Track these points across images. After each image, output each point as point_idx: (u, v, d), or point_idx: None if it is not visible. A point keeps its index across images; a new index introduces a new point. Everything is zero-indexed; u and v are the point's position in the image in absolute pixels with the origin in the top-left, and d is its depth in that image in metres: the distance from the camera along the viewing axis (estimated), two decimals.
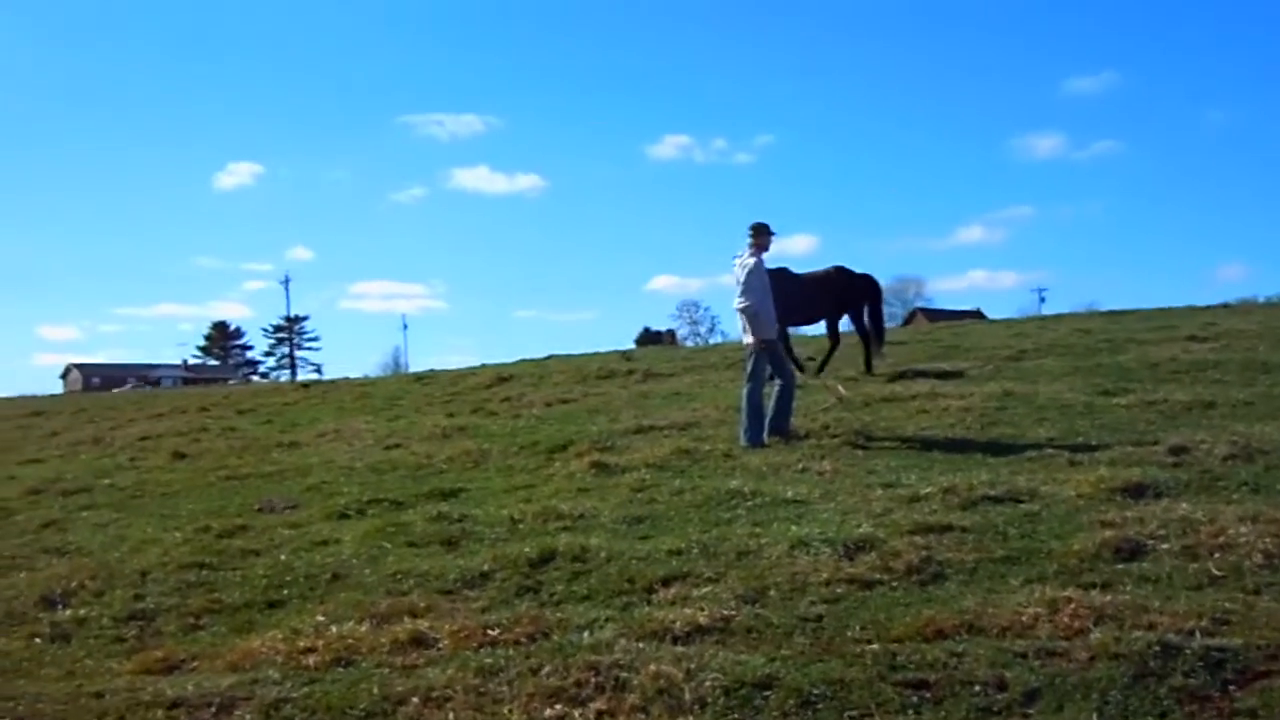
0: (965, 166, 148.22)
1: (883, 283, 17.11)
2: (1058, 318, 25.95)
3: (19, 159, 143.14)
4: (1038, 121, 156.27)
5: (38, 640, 6.31)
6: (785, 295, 15.26)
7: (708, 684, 4.64)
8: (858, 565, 6.26)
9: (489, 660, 5.12)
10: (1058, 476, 8.22)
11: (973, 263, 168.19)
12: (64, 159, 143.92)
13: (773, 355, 11.12)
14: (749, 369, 11.11)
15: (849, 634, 5.27)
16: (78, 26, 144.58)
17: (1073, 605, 5.29)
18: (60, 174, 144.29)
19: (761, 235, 11.21)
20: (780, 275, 15.67)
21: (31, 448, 18.30)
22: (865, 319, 16.15)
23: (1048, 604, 5.34)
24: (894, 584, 6.01)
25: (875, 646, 5.03)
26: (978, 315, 61.59)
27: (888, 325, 19.80)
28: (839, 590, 5.94)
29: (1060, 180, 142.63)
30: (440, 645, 5.55)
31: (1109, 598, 5.40)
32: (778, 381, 11.07)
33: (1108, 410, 11.22)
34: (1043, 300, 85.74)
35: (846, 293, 16.05)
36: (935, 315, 71.63)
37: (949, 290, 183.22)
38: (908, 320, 76.36)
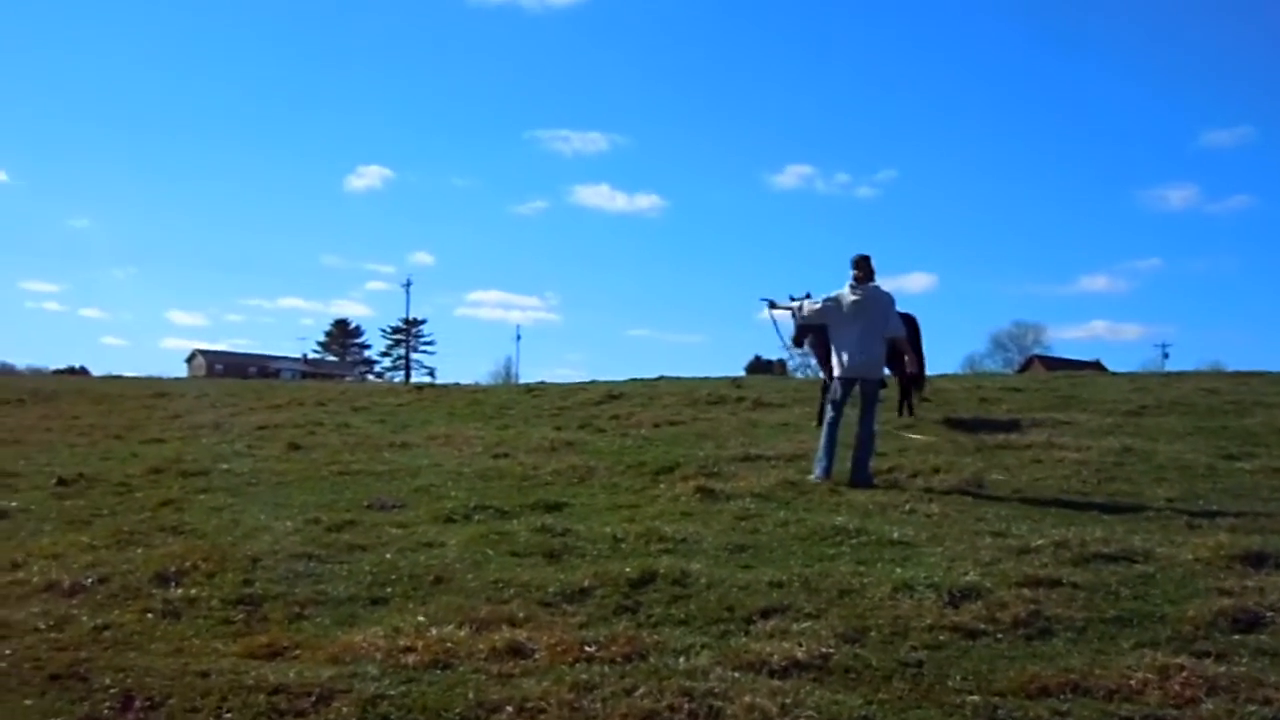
0: (1094, 214, 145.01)
1: (1001, 327, 16.79)
2: (1181, 374, 25.20)
3: (164, 149, 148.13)
4: (1171, 173, 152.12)
5: (149, 615, 6.45)
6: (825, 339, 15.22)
7: None
8: (962, 613, 6.14)
9: (584, 676, 5.13)
10: (1175, 539, 7.99)
11: (1095, 312, 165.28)
12: (206, 152, 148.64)
13: (874, 396, 11.04)
14: (844, 402, 11.01)
15: (950, 683, 5.18)
16: (232, 30, 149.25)
17: (1185, 673, 5.14)
18: (200, 166, 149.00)
19: (869, 267, 11.12)
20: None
21: (155, 428, 18.81)
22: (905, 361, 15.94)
23: (1158, 670, 5.19)
24: (999, 635, 5.89)
25: (976, 698, 4.94)
26: (1097, 366, 60.08)
27: (1004, 371, 19.46)
28: (942, 637, 5.84)
29: (1191, 233, 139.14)
30: (537, 656, 5.57)
31: (1223, 668, 5.23)
32: (864, 423, 10.91)
33: (1230, 474, 10.87)
34: (1166, 355, 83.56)
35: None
36: (1053, 363, 70.16)
37: (1069, 339, 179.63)
38: (1025, 367, 74.85)
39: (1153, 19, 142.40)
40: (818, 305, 11.24)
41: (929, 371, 16.31)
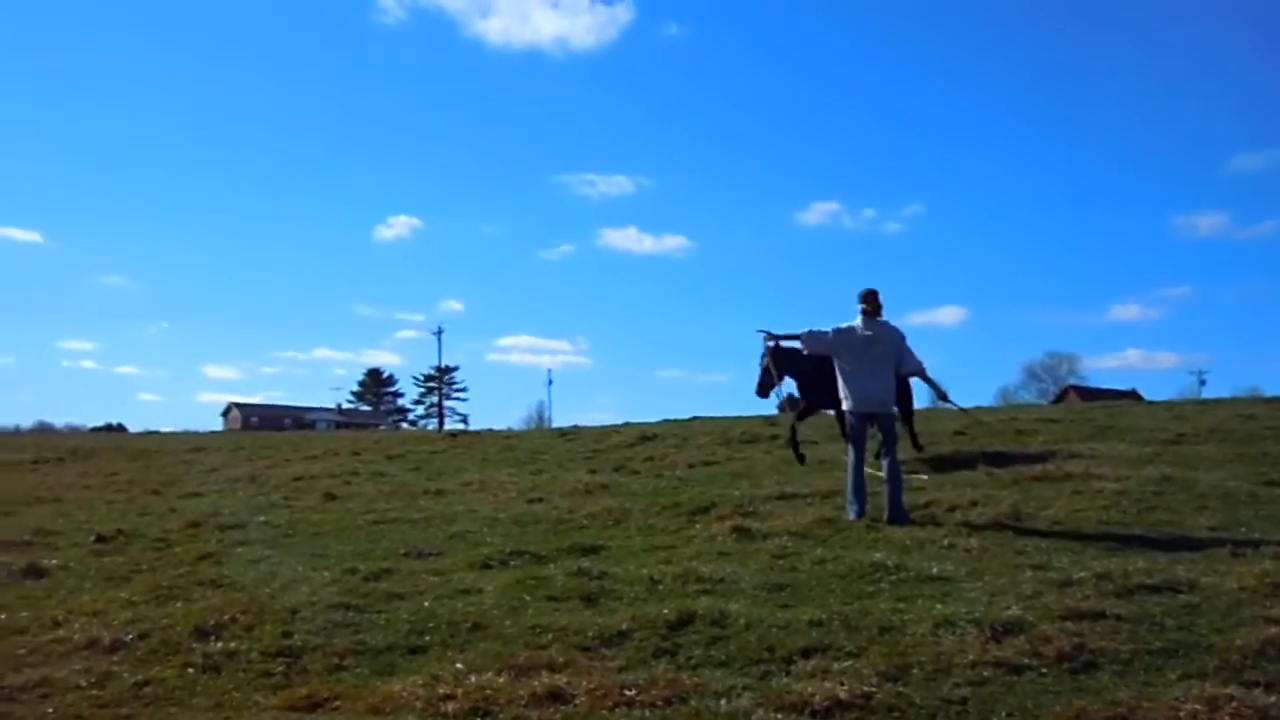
0: (1123, 242, 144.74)
1: (1034, 358, 16.69)
2: (1219, 401, 24.97)
3: (195, 205, 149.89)
4: (1200, 199, 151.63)
5: (190, 670, 6.47)
6: (804, 374, 15.06)
7: None
8: (1005, 648, 6.08)
9: None
10: (1219, 568, 7.88)
11: (1129, 341, 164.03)
12: (236, 207, 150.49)
13: (891, 430, 11.00)
14: (862, 438, 10.98)
15: (995, 719, 5.11)
16: (260, 87, 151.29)
17: (1234, 704, 5.07)
18: (231, 221, 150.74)
19: (878, 301, 11.10)
20: (796, 352, 15.49)
21: (192, 482, 18.95)
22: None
23: (1207, 701, 5.12)
24: (1043, 670, 5.82)
25: None
26: (1133, 395, 59.60)
27: (1039, 402, 19.33)
28: (985, 673, 5.77)
29: (1223, 260, 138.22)
30: (577, 701, 5.55)
31: (1273, 698, 5.17)
32: (888, 459, 10.84)
33: (1273, 501, 10.72)
34: (1203, 383, 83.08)
35: None
36: (1089, 394, 69.67)
37: (1103, 369, 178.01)
38: (1060, 397, 74.46)
39: (1179, 46, 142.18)
40: (827, 335, 11.16)
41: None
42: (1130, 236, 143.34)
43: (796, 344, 12.33)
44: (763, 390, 14.73)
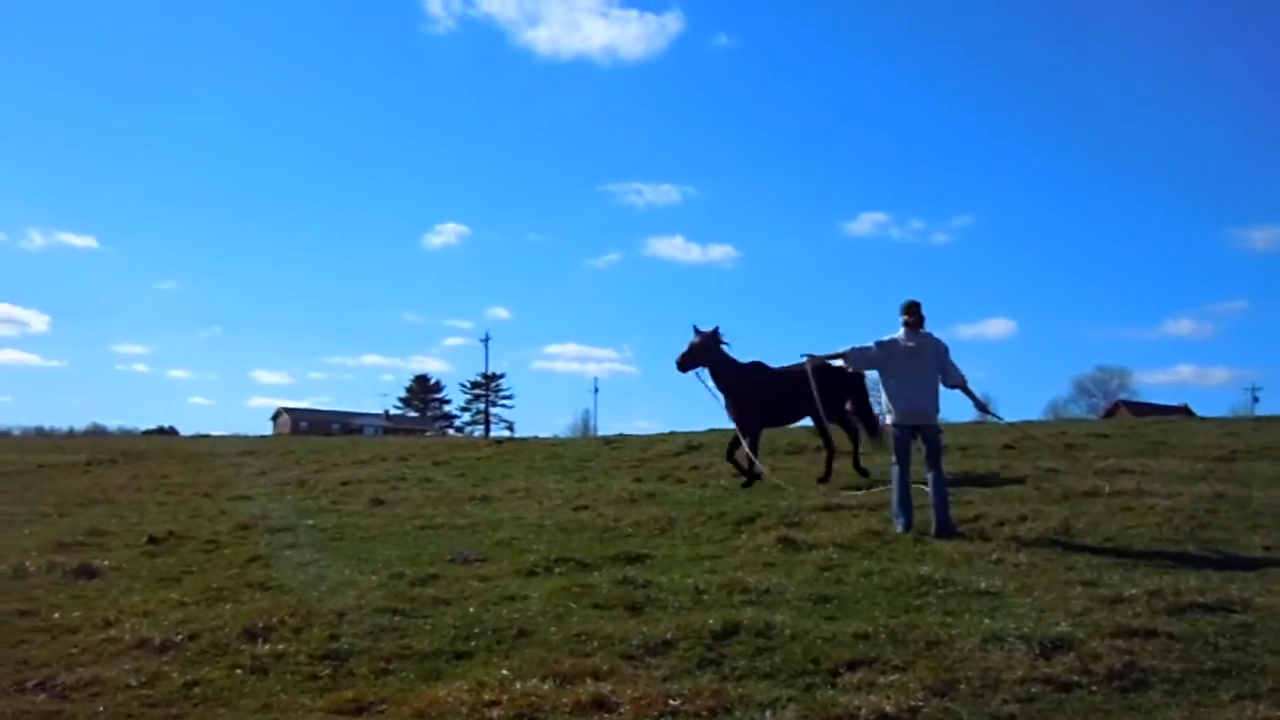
0: (1176, 256, 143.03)
1: (1084, 372, 16.54)
2: (1273, 418, 24.60)
3: (248, 212, 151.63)
4: (1256, 212, 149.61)
5: (238, 671, 6.52)
6: (761, 392, 15.00)
7: None
8: (1054, 665, 6.01)
9: None
10: (1273, 587, 7.76)
11: (1181, 356, 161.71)
12: (288, 214, 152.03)
13: (936, 442, 10.92)
14: (907, 451, 10.90)
15: None
16: (311, 96, 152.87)
17: None
18: (282, 227, 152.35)
19: (920, 313, 11.05)
20: (755, 371, 15.45)
21: (242, 485, 19.14)
22: (848, 413, 15.77)
23: None
24: (1093, 688, 5.75)
25: None
26: (1185, 411, 58.85)
27: (1089, 416, 19.18)
28: (1034, 690, 5.72)
29: (1278, 274, 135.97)
30: (621, 710, 5.55)
31: None
32: (934, 472, 10.75)
33: None
34: (1256, 399, 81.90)
35: (826, 387, 15.09)
36: (1140, 409, 68.86)
37: (1154, 384, 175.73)
38: (1110, 412, 73.69)
39: (1233, 58, 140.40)
40: (870, 349, 11.10)
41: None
42: (1183, 250, 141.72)
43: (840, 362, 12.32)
44: (682, 364, 15.00)
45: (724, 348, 15.31)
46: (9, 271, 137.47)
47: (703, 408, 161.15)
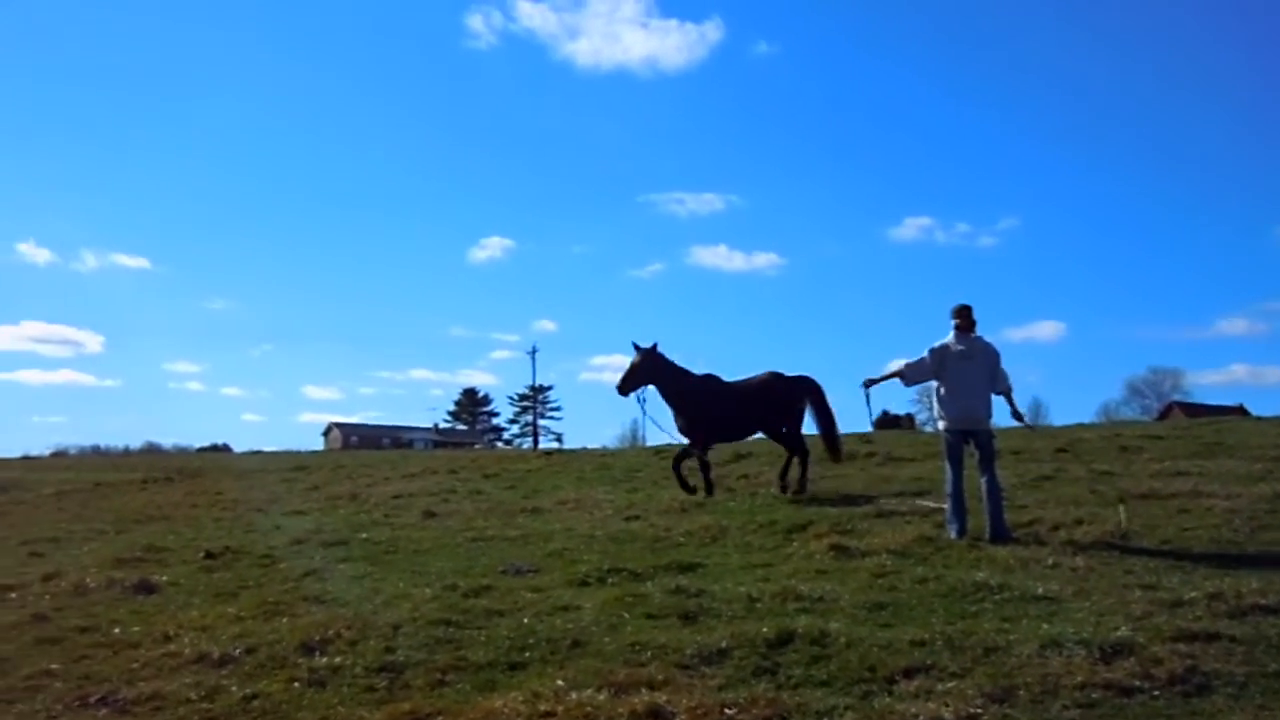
0: (1228, 254, 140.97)
1: (1137, 374, 16.29)
2: None
3: (295, 230, 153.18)
4: None
5: (296, 684, 6.57)
6: (714, 407, 14.84)
7: None
8: (1115, 670, 5.94)
9: None
10: None
11: (1235, 356, 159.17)
12: (335, 232, 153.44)
13: (989, 446, 10.80)
14: (959, 456, 10.80)
15: None
16: (357, 116, 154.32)
17: None
18: (329, 245, 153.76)
19: (971, 317, 10.96)
20: (708, 384, 15.24)
21: (295, 500, 19.32)
22: (800, 426, 15.49)
23: None
24: (1155, 693, 5.68)
25: None
26: (1240, 411, 57.93)
27: (1142, 418, 18.93)
28: (1094, 695, 5.65)
29: None
30: (677, 719, 5.54)
31: None
32: (987, 476, 10.65)
33: None
34: None
35: (783, 400, 15.21)
36: (1194, 410, 67.99)
37: (1209, 384, 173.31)
38: (1164, 414, 72.68)
39: (1276, 51, 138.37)
40: (924, 360, 11.01)
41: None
42: (1236, 247, 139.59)
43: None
44: (623, 387, 14.92)
45: (670, 361, 15.13)
46: (64, 293, 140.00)
47: None
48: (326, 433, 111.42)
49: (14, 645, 7.94)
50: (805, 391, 15.50)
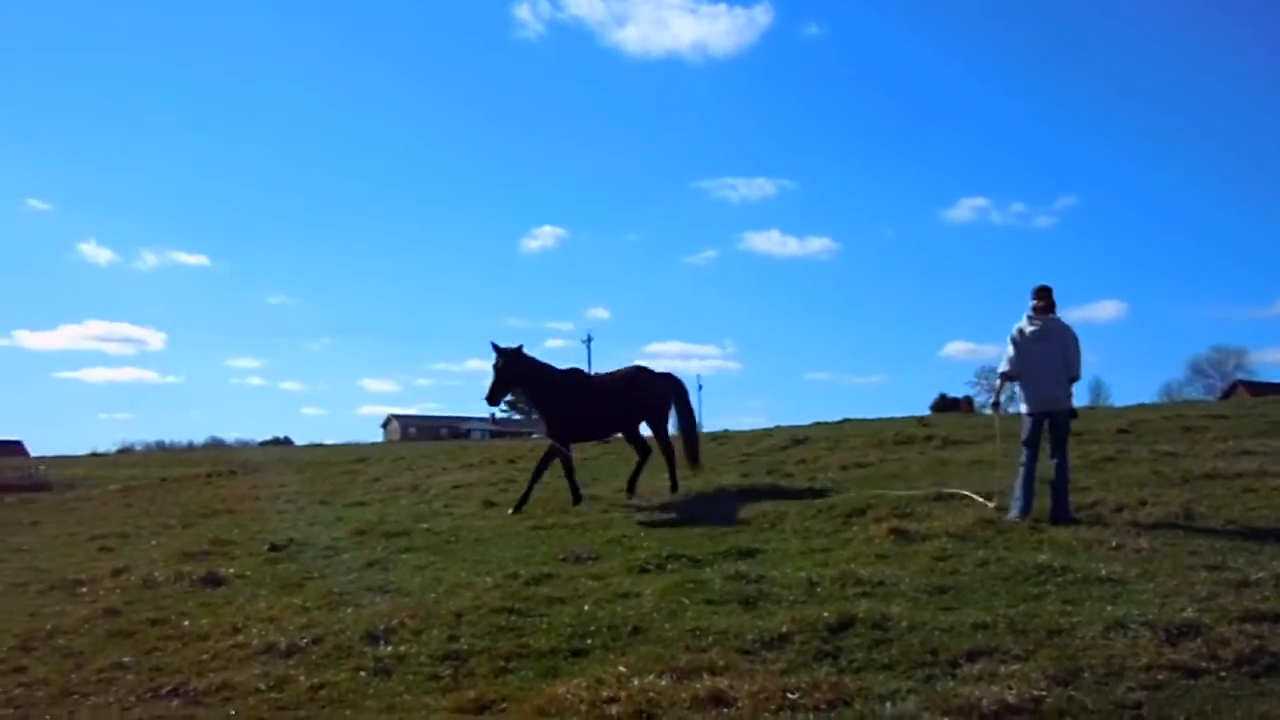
0: None
1: (1199, 353, 16.02)
2: None
3: (350, 225, 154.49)
4: None
5: (362, 673, 6.68)
6: (578, 403, 14.44)
7: None
8: (1181, 651, 5.89)
9: None
10: None
11: None
12: (389, 225, 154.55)
13: (1065, 427, 10.66)
14: (1035, 439, 10.68)
15: None
16: (409, 112, 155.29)
17: None
18: (384, 239, 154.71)
19: (1052, 299, 10.81)
20: (569, 380, 14.80)
21: (357, 491, 19.51)
22: (670, 425, 15.23)
23: None
24: (1222, 674, 5.63)
25: None
26: None
27: (1206, 398, 18.63)
28: (1160, 677, 5.61)
29: None
30: (740, 705, 5.56)
31: None
32: (1057, 457, 10.54)
33: None
34: None
35: (648, 395, 14.81)
36: (1259, 389, 66.77)
37: (1274, 363, 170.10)
38: (1228, 393, 71.50)
39: None
40: (1009, 350, 10.88)
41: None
42: None
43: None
44: (492, 397, 14.43)
45: (533, 360, 14.50)
46: (125, 292, 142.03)
47: (810, 403, 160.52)
48: (385, 424, 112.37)
49: (87, 639, 8.12)
50: (670, 389, 15.20)
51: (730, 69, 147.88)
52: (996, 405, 12.50)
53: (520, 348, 14.35)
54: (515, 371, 14.28)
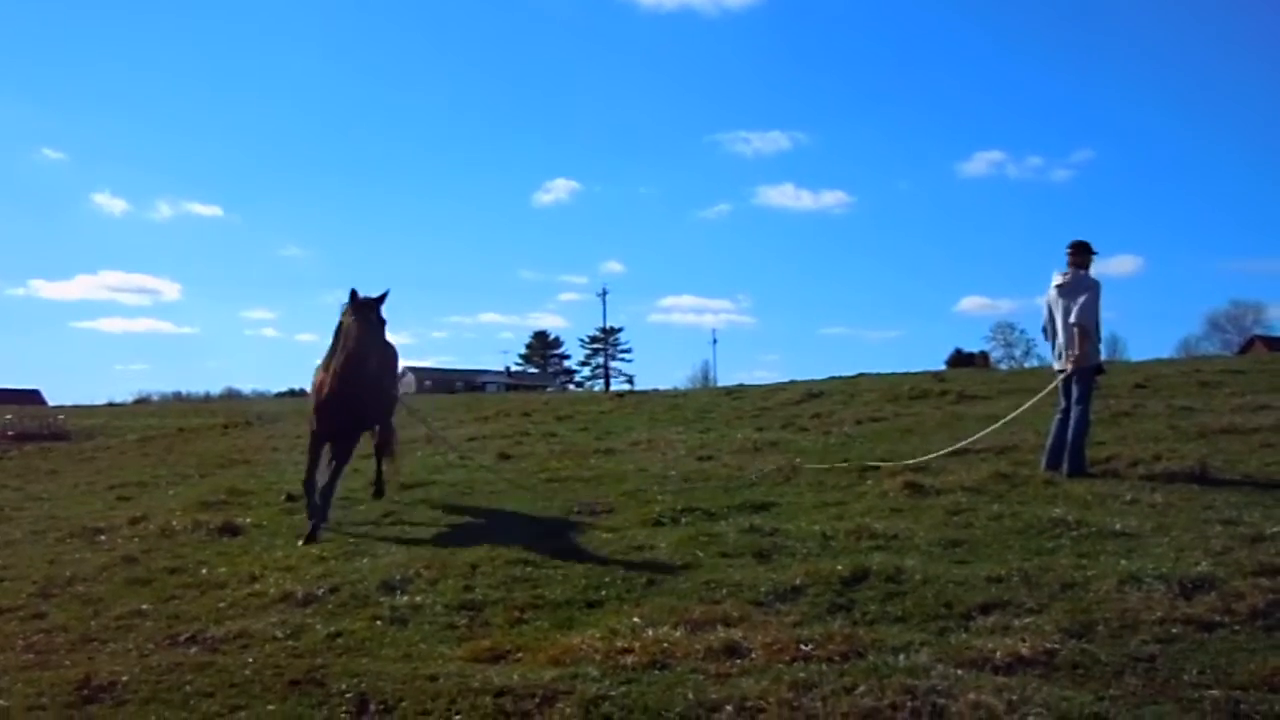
0: None
1: (1217, 307, 15.82)
2: None
3: (363, 177, 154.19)
4: None
5: (378, 622, 6.72)
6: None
7: (1030, 718, 4.48)
8: (1195, 605, 5.89)
9: (803, 675, 5.10)
10: None
11: None
12: (401, 178, 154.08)
13: (1089, 382, 10.58)
14: (1067, 389, 10.62)
15: (1185, 677, 4.96)
16: (421, 66, 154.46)
17: None
18: (396, 191, 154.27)
19: (1086, 254, 10.66)
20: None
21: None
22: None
23: None
24: (1236, 627, 5.62)
25: (1215, 692, 4.73)
26: None
27: (1223, 353, 18.54)
28: (1174, 630, 5.61)
29: None
30: (754, 656, 5.58)
31: None
32: (1075, 410, 10.49)
33: None
34: None
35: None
36: (1277, 344, 66.55)
37: None
38: (1246, 348, 71.20)
39: None
40: (1044, 308, 10.83)
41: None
42: None
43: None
44: None
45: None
46: (141, 242, 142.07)
47: (825, 357, 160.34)
48: (401, 377, 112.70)
49: (105, 586, 8.18)
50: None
51: (744, 21, 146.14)
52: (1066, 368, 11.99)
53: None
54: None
